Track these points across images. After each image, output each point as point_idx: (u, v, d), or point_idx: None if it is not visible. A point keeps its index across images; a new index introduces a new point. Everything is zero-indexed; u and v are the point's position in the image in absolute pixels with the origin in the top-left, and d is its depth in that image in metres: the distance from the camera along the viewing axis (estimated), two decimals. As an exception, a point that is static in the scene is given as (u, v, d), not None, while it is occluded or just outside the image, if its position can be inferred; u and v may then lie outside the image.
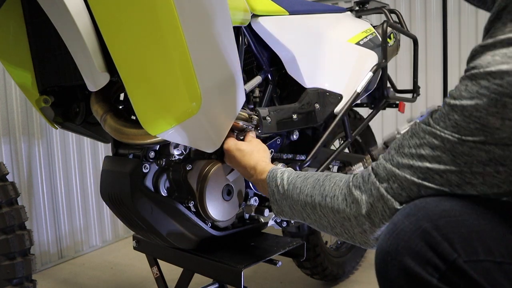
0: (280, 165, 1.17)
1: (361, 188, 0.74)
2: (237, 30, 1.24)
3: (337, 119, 1.48)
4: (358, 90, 1.54)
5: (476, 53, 0.61)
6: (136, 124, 1.01)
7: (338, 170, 1.80)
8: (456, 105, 0.61)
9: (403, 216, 0.63)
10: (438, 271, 0.56)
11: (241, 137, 1.19)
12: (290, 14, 1.41)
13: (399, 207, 0.68)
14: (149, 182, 1.14)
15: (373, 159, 1.13)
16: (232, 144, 1.13)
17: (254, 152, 1.09)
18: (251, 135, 1.19)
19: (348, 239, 0.80)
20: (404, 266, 0.58)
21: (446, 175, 0.63)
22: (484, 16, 2.75)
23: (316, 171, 1.45)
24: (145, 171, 1.12)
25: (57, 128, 1.29)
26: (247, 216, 1.32)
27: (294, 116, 1.36)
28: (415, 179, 0.66)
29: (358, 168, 1.44)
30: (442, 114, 0.64)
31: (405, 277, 0.58)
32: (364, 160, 1.37)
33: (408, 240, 0.59)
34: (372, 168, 0.73)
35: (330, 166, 1.60)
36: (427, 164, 0.64)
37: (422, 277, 0.57)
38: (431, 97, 2.93)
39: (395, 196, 0.68)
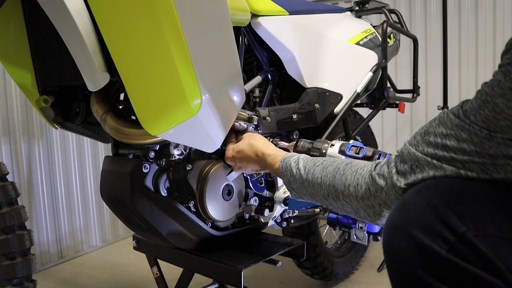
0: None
1: (385, 176, 0.75)
2: (237, 30, 1.24)
3: (337, 119, 1.48)
4: (358, 90, 1.54)
5: (511, 47, 0.60)
6: (136, 124, 1.01)
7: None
8: (488, 101, 0.61)
9: (413, 193, 0.64)
10: (448, 243, 0.56)
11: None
12: (290, 14, 1.41)
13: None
14: (149, 182, 1.14)
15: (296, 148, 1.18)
16: (230, 150, 1.13)
17: (253, 145, 1.09)
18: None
19: (371, 221, 0.82)
20: (413, 238, 0.59)
21: (469, 164, 0.64)
22: (484, 16, 2.75)
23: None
24: (145, 171, 1.12)
25: (57, 128, 1.29)
26: (247, 216, 1.32)
27: (294, 116, 1.36)
28: (437, 163, 0.66)
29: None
30: (473, 108, 0.63)
31: (414, 249, 0.58)
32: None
33: (418, 213, 0.59)
34: (397, 155, 0.74)
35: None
36: (452, 154, 0.65)
37: (432, 248, 0.57)
38: (431, 97, 2.93)
39: (408, 178, 0.69)
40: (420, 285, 0.58)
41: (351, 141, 1.10)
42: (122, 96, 1.21)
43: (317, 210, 1.44)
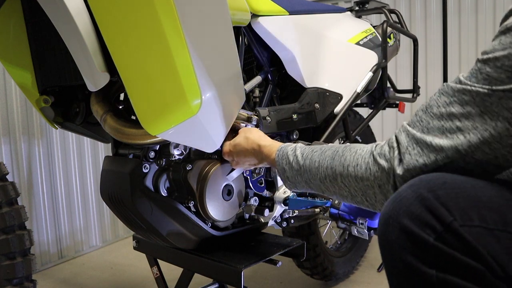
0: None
1: (386, 157, 0.75)
2: (237, 30, 1.24)
3: (337, 119, 1.48)
4: (358, 90, 1.54)
5: (510, 14, 0.64)
6: (136, 124, 1.01)
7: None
8: (489, 58, 0.64)
9: (406, 186, 0.67)
10: (435, 232, 0.60)
11: None
12: (290, 14, 1.41)
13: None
14: (149, 182, 1.14)
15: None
16: (227, 145, 1.14)
17: (249, 138, 1.09)
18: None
19: (369, 206, 0.82)
20: (404, 227, 0.62)
21: (469, 135, 0.65)
22: (484, 16, 2.75)
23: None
24: (145, 171, 1.12)
25: (57, 128, 1.29)
26: (247, 216, 1.32)
27: (294, 116, 1.36)
28: (436, 145, 0.68)
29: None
30: (474, 71, 0.66)
31: (404, 237, 0.62)
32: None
33: (409, 205, 0.63)
34: (396, 137, 0.74)
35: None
36: (457, 123, 0.66)
37: (420, 236, 0.60)
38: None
39: (409, 164, 0.70)
40: (410, 270, 0.62)
41: None
42: (122, 96, 1.22)
43: (317, 210, 1.44)
